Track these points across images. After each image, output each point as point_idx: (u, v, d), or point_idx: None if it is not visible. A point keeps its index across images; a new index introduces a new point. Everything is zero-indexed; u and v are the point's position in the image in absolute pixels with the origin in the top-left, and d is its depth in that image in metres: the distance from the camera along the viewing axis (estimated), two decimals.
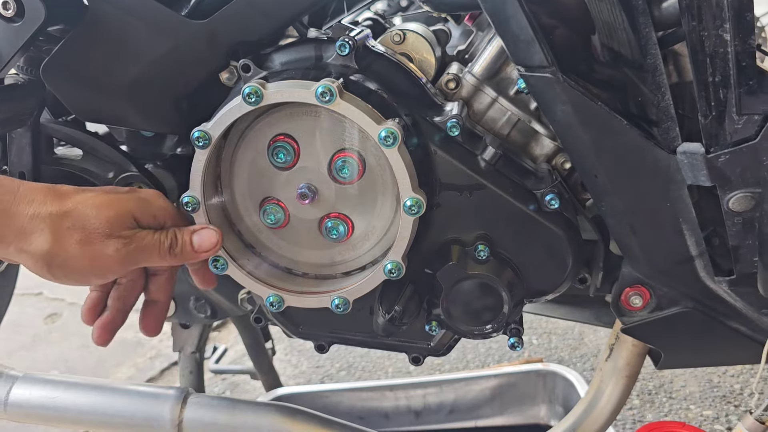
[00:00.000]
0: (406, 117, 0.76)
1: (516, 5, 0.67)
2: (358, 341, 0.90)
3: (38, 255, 0.69)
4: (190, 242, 0.76)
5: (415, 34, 0.86)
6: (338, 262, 0.83)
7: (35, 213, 0.69)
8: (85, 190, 0.74)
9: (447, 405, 1.62)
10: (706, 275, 0.78)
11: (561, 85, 0.69)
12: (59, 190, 0.72)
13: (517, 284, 0.79)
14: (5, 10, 0.72)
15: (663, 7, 0.67)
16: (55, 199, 0.71)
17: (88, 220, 0.70)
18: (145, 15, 0.77)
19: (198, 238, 0.77)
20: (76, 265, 0.70)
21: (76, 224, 0.70)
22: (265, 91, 0.71)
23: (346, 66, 0.76)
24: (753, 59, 0.63)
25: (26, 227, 0.69)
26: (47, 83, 0.81)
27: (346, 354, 2.30)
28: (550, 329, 2.35)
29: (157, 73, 0.81)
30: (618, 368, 0.99)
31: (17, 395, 0.92)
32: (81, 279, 0.73)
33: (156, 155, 0.94)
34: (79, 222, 0.70)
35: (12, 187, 0.70)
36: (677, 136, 0.69)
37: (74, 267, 0.70)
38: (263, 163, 0.79)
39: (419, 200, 0.72)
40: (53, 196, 0.71)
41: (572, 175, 0.85)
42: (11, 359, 2.46)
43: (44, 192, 0.71)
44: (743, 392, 1.89)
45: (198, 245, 0.76)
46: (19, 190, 0.70)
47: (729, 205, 0.70)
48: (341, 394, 1.65)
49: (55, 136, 0.88)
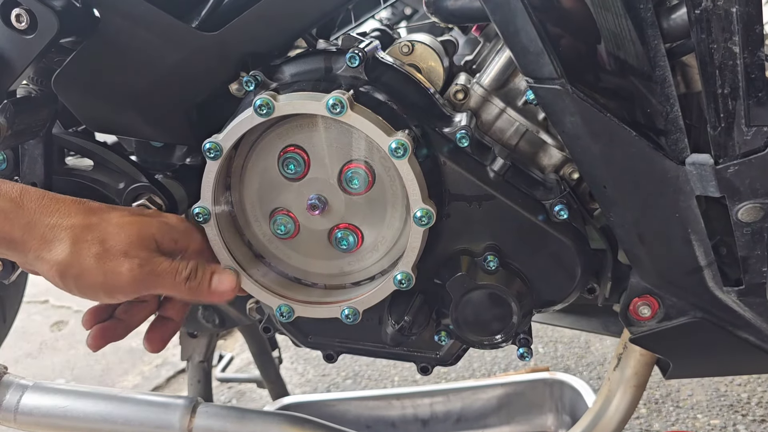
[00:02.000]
0: (415, 128, 0.76)
1: (525, 17, 0.68)
2: (367, 351, 0.90)
3: (54, 263, 0.70)
4: (209, 280, 0.76)
5: (424, 45, 0.87)
6: (348, 273, 0.83)
7: (57, 223, 0.70)
8: (113, 209, 0.75)
9: (454, 414, 1.62)
10: (714, 285, 0.78)
11: (570, 97, 0.69)
12: (88, 204, 0.73)
13: (526, 294, 0.79)
14: (18, 22, 0.73)
15: (671, 19, 0.68)
16: (81, 212, 0.71)
17: (108, 236, 0.71)
18: (156, 27, 0.78)
19: (217, 279, 0.77)
20: (89, 278, 0.71)
21: (96, 238, 0.70)
22: (277, 102, 0.72)
23: (356, 77, 0.77)
24: (762, 71, 0.64)
25: (47, 235, 0.69)
26: (59, 94, 0.82)
27: (353, 363, 2.29)
28: (557, 338, 2.34)
29: (168, 85, 0.81)
30: (626, 378, 0.99)
31: (27, 404, 0.92)
32: (91, 294, 0.73)
33: (166, 165, 0.95)
34: (99, 236, 0.70)
35: (37, 196, 0.71)
36: (686, 147, 0.70)
37: (87, 280, 0.71)
38: (273, 174, 0.80)
39: (429, 211, 0.72)
40: (81, 208, 0.72)
41: (580, 185, 0.85)
42: (18, 367, 2.46)
43: (72, 203, 0.72)
44: (750, 401, 1.88)
45: (215, 286, 0.76)
46: (44, 199, 0.71)
47: (738, 216, 0.70)
48: (348, 402, 1.64)
49: (67, 147, 0.88)
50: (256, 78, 0.77)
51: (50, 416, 0.92)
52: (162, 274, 0.73)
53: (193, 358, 1.49)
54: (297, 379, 2.27)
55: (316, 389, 2.20)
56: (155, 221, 0.76)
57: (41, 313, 2.77)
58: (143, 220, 0.75)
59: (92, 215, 0.72)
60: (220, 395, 2.21)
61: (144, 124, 0.84)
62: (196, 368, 1.50)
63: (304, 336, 0.91)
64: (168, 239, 0.75)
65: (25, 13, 0.73)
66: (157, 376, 2.37)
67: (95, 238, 0.70)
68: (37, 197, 0.71)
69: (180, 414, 0.91)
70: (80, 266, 0.70)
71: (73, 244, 0.69)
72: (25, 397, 0.93)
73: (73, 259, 0.70)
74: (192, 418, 0.91)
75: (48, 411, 0.92)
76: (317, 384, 2.24)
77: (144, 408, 0.92)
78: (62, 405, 0.92)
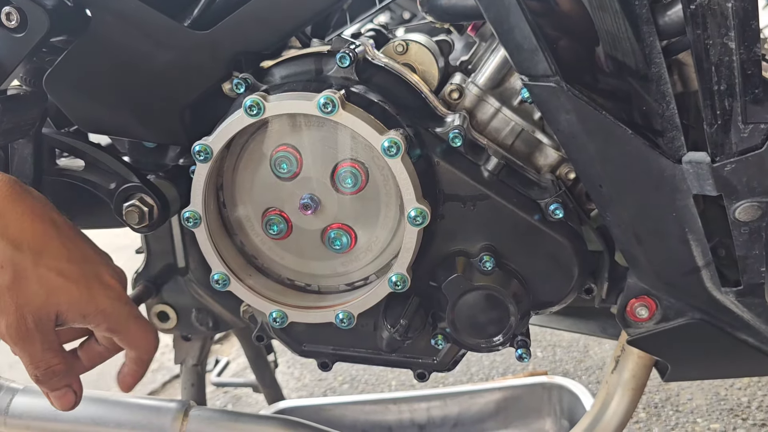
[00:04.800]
0: (408, 128, 0.76)
1: (519, 14, 0.67)
2: (363, 358, 0.89)
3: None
4: (50, 392, 0.77)
5: (418, 44, 0.86)
6: (341, 273, 0.83)
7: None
8: (56, 258, 0.73)
9: (451, 418, 1.61)
10: (712, 286, 0.77)
11: (565, 95, 0.68)
12: (47, 233, 0.73)
13: (524, 295, 0.78)
14: (8, 20, 0.72)
15: (667, 15, 0.67)
16: (29, 246, 0.71)
17: (22, 288, 0.70)
18: (148, 25, 0.77)
19: (57, 396, 0.77)
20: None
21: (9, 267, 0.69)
22: (267, 103, 0.71)
23: (347, 78, 0.76)
24: (758, 68, 0.63)
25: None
26: (50, 94, 0.81)
27: (349, 367, 2.28)
28: (555, 342, 2.33)
29: (160, 84, 0.81)
30: (624, 381, 0.98)
31: (18, 407, 0.92)
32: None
33: (158, 166, 0.94)
34: (14, 282, 0.69)
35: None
36: (682, 145, 0.69)
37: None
38: (266, 174, 0.79)
39: (423, 211, 0.72)
40: (32, 238, 0.71)
41: (576, 185, 0.84)
42: (12, 372, 2.43)
43: (31, 225, 0.71)
44: (751, 405, 1.87)
45: (53, 400, 0.78)
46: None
47: (735, 215, 0.70)
48: (344, 407, 1.63)
49: (58, 147, 0.88)
50: (246, 80, 0.76)
51: (41, 419, 0.91)
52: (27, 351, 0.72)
53: (187, 362, 1.48)
54: (293, 384, 2.25)
55: (313, 394, 2.19)
56: (75, 290, 0.73)
57: None
58: (61, 288, 0.72)
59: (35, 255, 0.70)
60: (216, 400, 2.20)
61: (136, 124, 0.84)
62: (189, 372, 1.49)
63: (298, 344, 0.90)
64: (75, 313, 0.73)
65: (15, 11, 0.72)
66: (153, 380, 2.35)
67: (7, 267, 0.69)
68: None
69: (172, 417, 0.90)
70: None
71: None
72: (16, 400, 0.92)
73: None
74: (184, 422, 0.90)
75: (38, 414, 0.91)
76: (313, 388, 2.22)
77: (136, 411, 0.92)
78: (53, 408, 0.91)
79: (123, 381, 0.84)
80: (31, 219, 0.71)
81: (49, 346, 0.73)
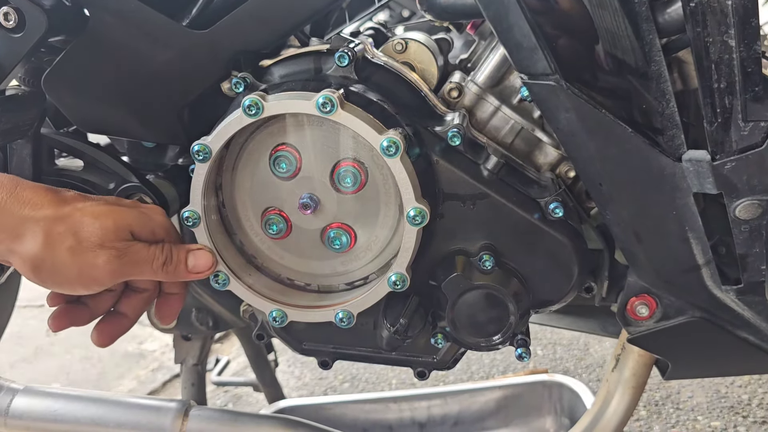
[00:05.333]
0: (407, 127, 0.75)
1: (519, 13, 0.67)
2: (363, 356, 0.89)
3: (27, 257, 0.68)
4: (185, 261, 0.75)
5: (417, 42, 0.86)
6: (341, 273, 0.82)
7: (30, 215, 0.68)
8: (87, 198, 0.73)
9: (451, 417, 1.61)
10: (713, 284, 0.77)
11: (564, 93, 0.68)
12: (61, 194, 0.71)
13: (523, 294, 0.78)
14: (6, 21, 0.72)
15: (667, 13, 0.67)
16: (54, 203, 0.69)
17: (82, 228, 0.69)
18: (146, 25, 0.77)
19: (193, 258, 0.76)
20: (64, 272, 0.69)
21: (69, 230, 0.68)
22: (265, 103, 0.71)
23: (346, 77, 0.76)
24: (758, 65, 0.63)
25: (19, 228, 0.67)
26: (48, 94, 0.81)
27: (350, 365, 2.28)
28: (555, 340, 2.33)
29: (159, 84, 0.81)
30: (624, 379, 0.98)
31: (18, 408, 0.91)
32: (68, 287, 0.72)
33: (157, 165, 0.94)
34: (72, 228, 0.68)
35: (10, 186, 0.69)
36: (682, 143, 0.69)
37: (62, 274, 0.69)
38: (265, 173, 0.79)
39: (423, 210, 0.72)
40: (53, 199, 0.70)
41: (576, 183, 0.84)
42: (13, 371, 2.45)
43: (44, 194, 0.70)
44: (751, 403, 1.87)
45: (192, 266, 0.76)
46: (16, 189, 0.69)
47: (736, 213, 0.69)
48: (345, 406, 1.63)
49: (56, 147, 0.88)
50: (245, 80, 0.76)
51: (41, 420, 0.91)
52: (139, 262, 0.72)
53: (187, 361, 1.48)
54: (294, 383, 2.25)
55: (313, 392, 2.19)
56: (132, 211, 0.74)
57: (36, 317, 2.75)
58: (119, 210, 0.73)
59: (64, 205, 0.70)
60: (216, 399, 2.20)
61: (135, 124, 0.84)
62: (189, 371, 1.49)
63: (298, 343, 0.89)
64: (145, 229, 0.74)
65: (13, 11, 0.72)
66: (153, 380, 2.36)
67: (68, 230, 0.68)
68: (9, 187, 0.69)
69: (172, 417, 0.90)
70: (54, 260, 0.68)
71: (46, 237, 0.68)
72: (16, 400, 0.92)
73: (46, 253, 0.68)
74: (185, 421, 0.90)
75: (39, 415, 0.91)
76: (314, 387, 2.22)
77: (136, 411, 0.91)
78: (53, 408, 0.92)
79: (167, 308, 0.82)
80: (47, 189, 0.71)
81: (142, 244, 0.73)
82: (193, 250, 0.76)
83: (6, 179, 0.69)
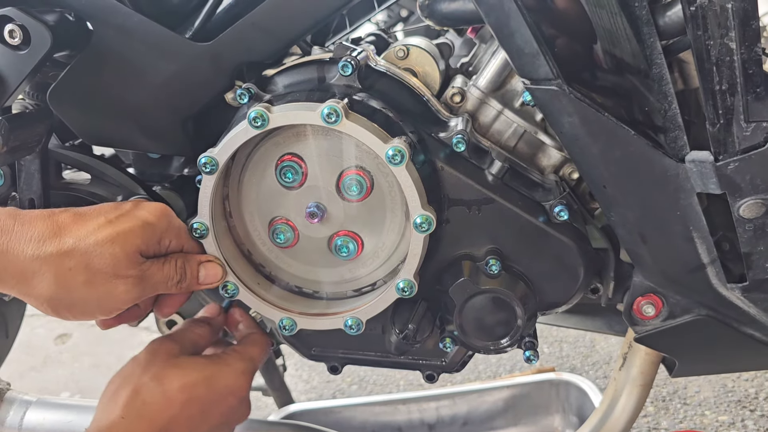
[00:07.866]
0: (411, 134, 0.76)
1: (520, 19, 0.67)
2: (372, 361, 0.90)
3: (43, 299, 0.67)
4: (196, 275, 0.76)
5: (419, 48, 0.86)
6: (349, 280, 0.83)
7: (35, 254, 0.66)
8: (84, 219, 0.70)
9: (460, 417, 1.61)
10: (718, 282, 0.77)
11: (567, 97, 0.69)
12: (58, 221, 0.69)
13: (530, 297, 0.79)
14: (11, 38, 0.72)
15: (667, 16, 0.67)
16: (54, 236, 0.67)
17: (92, 260, 0.67)
18: (150, 38, 0.78)
19: (204, 271, 0.77)
20: (84, 306, 0.69)
21: (80, 264, 0.67)
22: (271, 114, 0.71)
23: (350, 86, 0.77)
24: (760, 66, 0.63)
25: (26, 269, 0.66)
26: (54, 109, 0.82)
27: (357, 368, 2.27)
28: (561, 337, 2.33)
29: (163, 96, 0.81)
30: (632, 377, 0.98)
31: (31, 420, 0.92)
32: (89, 316, 0.72)
33: (163, 176, 0.94)
34: (83, 262, 0.67)
35: (7, 226, 0.67)
36: (685, 144, 0.69)
37: (81, 308, 0.69)
38: (271, 183, 0.79)
39: (429, 217, 0.72)
40: (52, 230, 0.68)
41: (580, 184, 0.85)
42: (22, 381, 2.45)
43: (42, 225, 0.68)
44: (759, 396, 1.88)
45: (202, 279, 0.77)
46: (14, 228, 0.67)
47: (740, 212, 0.70)
48: (354, 409, 1.64)
49: (63, 161, 0.88)
50: (249, 90, 0.77)
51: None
52: (156, 285, 0.73)
53: None
54: (302, 386, 2.26)
55: (322, 396, 2.20)
56: (136, 227, 0.71)
57: (45, 326, 2.77)
58: (123, 231, 0.70)
59: (66, 236, 0.68)
60: None
61: (140, 135, 0.84)
62: None
63: (308, 348, 0.90)
64: (153, 242, 0.73)
65: (18, 28, 0.72)
66: None
67: (78, 265, 0.67)
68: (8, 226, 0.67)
69: None
70: (71, 297, 0.68)
71: (56, 276, 0.66)
72: (29, 413, 0.93)
73: (61, 292, 0.67)
74: None
75: (52, 427, 0.92)
76: (322, 390, 2.23)
77: None
78: (66, 420, 0.92)
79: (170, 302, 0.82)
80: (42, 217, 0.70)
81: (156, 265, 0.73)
82: (204, 263, 0.77)
83: (3, 216, 0.68)
